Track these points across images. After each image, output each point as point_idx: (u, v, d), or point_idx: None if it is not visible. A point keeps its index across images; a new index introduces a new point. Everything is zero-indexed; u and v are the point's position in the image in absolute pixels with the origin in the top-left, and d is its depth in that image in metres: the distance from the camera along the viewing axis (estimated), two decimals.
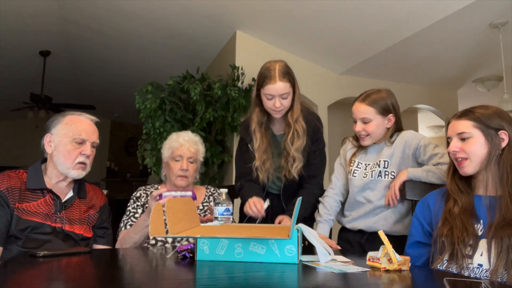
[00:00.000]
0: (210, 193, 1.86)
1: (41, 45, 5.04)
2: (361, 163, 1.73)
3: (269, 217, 1.81)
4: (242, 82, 3.75)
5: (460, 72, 4.71)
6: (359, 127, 1.67)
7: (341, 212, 1.81)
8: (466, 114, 1.22)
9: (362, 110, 1.65)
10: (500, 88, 4.55)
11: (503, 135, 1.18)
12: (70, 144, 1.46)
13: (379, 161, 1.68)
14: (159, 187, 1.82)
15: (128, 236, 1.60)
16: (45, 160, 1.53)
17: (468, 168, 1.20)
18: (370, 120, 1.65)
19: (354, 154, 1.77)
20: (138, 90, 3.57)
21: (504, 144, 1.18)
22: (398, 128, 1.72)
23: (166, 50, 4.72)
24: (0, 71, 5.60)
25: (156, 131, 3.51)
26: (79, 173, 1.48)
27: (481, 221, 1.16)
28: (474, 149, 1.19)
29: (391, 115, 1.67)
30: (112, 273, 1.06)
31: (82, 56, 5.46)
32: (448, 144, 1.28)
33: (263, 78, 1.70)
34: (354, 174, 1.73)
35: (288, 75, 1.70)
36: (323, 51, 4.20)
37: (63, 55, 5.41)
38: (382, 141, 1.72)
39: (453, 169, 1.27)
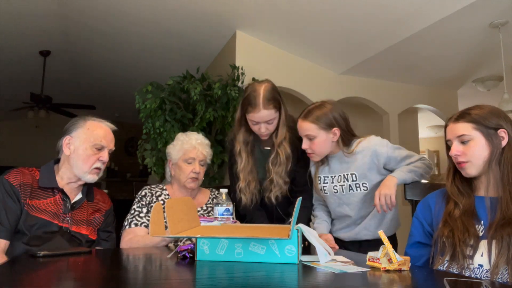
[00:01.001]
0: (214, 196, 1.87)
1: (41, 45, 5.04)
2: (327, 177, 1.73)
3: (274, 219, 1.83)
4: (242, 82, 3.75)
5: (460, 72, 4.71)
6: (305, 144, 1.65)
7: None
8: (463, 116, 1.21)
9: (304, 127, 1.63)
10: (500, 88, 4.55)
11: (503, 133, 1.17)
12: (90, 149, 1.50)
13: (346, 174, 1.67)
14: (164, 186, 1.82)
15: (143, 240, 1.58)
16: (57, 161, 1.55)
17: (471, 170, 1.20)
18: (315, 137, 1.62)
19: (317, 170, 1.76)
20: (138, 90, 3.57)
21: (504, 143, 1.17)
22: (350, 137, 1.69)
23: (166, 50, 4.72)
24: (0, 71, 5.60)
25: (156, 131, 3.51)
26: (94, 178, 1.52)
27: (482, 221, 1.16)
28: (476, 151, 1.18)
29: (335, 128, 1.64)
30: (112, 273, 1.06)
31: (82, 56, 5.46)
32: (447, 147, 1.27)
33: (247, 104, 1.66)
34: (325, 191, 1.73)
35: (272, 100, 1.65)
36: (323, 51, 4.20)
37: (63, 55, 5.41)
38: (338, 151, 1.69)
39: (453, 172, 1.27)
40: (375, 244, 1.30)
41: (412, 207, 1.67)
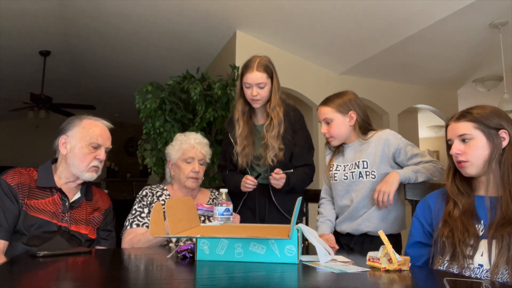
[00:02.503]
0: (214, 196, 1.87)
1: (41, 45, 5.04)
2: (340, 165, 1.76)
3: (257, 211, 1.91)
4: None
5: (460, 72, 4.71)
6: (323, 129, 1.73)
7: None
8: (465, 115, 1.21)
9: (322, 111, 1.72)
10: (500, 88, 4.55)
11: (504, 134, 1.18)
12: (86, 147, 1.49)
13: (358, 161, 1.70)
14: (165, 187, 1.81)
15: (144, 237, 1.58)
16: (55, 160, 1.55)
17: (470, 170, 1.20)
18: (332, 120, 1.70)
19: (331, 159, 1.82)
20: (138, 90, 3.57)
21: (505, 143, 1.17)
22: (368, 126, 1.76)
23: (166, 50, 4.72)
24: (0, 71, 5.60)
25: (156, 131, 3.51)
26: (92, 176, 1.51)
27: (482, 221, 1.16)
28: (476, 151, 1.18)
29: (351, 112, 1.70)
30: (112, 273, 1.06)
31: (82, 56, 5.46)
32: (448, 146, 1.27)
33: (244, 68, 1.86)
34: (335, 178, 1.76)
35: (265, 67, 1.84)
36: (323, 51, 4.20)
37: (63, 55, 5.41)
38: (355, 139, 1.74)
39: (453, 171, 1.27)
40: (377, 242, 1.29)
41: (412, 207, 1.67)
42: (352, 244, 1.70)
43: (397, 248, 1.56)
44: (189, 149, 1.75)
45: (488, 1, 2.97)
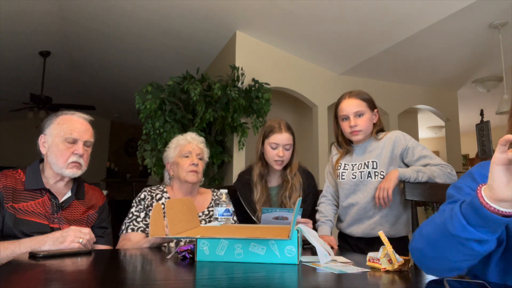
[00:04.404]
0: (216, 197, 1.85)
1: (41, 45, 5.05)
2: (348, 165, 1.76)
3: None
4: (242, 83, 3.75)
5: (460, 72, 4.72)
6: (354, 121, 1.69)
7: (338, 218, 1.84)
8: None
9: (355, 103, 1.71)
10: (500, 89, 4.55)
11: None
12: (62, 144, 1.46)
13: (368, 161, 1.70)
14: (165, 188, 1.80)
15: (131, 245, 1.57)
16: (42, 160, 1.53)
17: None
18: (363, 113, 1.70)
19: (339, 158, 1.81)
20: (138, 90, 3.57)
21: None
22: (381, 128, 1.78)
23: (166, 50, 4.72)
24: (0, 71, 5.61)
25: (156, 131, 3.51)
26: (73, 172, 1.47)
27: None
28: None
29: (376, 110, 1.74)
30: (112, 273, 1.06)
31: (82, 56, 5.46)
32: None
33: (271, 129, 1.85)
34: (343, 177, 1.75)
35: (291, 130, 1.87)
36: (323, 52, 4.21)
37: (63, 55, 5.42)
38: (368, 139, 1.75)
39: None
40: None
41: (412, 207, 1.67)
42: (362, 245, 1.70)
43: (406, 250, 1.53)
44: (185, 144, 1.78)
45: (488, 1, 2.97)
